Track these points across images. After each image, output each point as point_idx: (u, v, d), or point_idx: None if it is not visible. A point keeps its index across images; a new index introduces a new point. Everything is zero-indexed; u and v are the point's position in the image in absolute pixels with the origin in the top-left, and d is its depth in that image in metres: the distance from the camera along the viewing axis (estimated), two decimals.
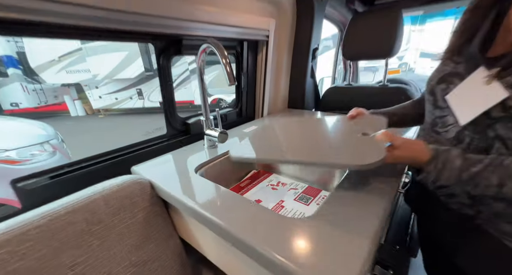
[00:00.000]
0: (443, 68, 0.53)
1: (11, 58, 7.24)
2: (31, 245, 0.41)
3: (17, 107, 7.58)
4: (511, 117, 0.40)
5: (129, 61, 7.56)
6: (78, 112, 8.27)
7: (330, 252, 0.36)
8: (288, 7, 1.08)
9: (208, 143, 0.81)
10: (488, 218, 0.49)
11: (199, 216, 0.48)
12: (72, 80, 7.59)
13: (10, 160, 2.16)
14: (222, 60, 0.60)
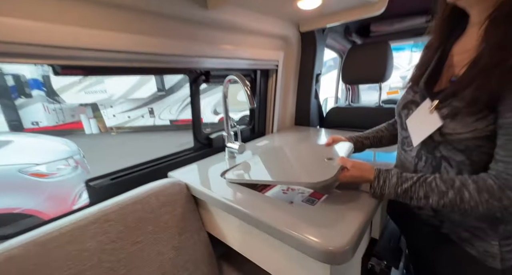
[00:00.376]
0: (406, 96, 0.63)
1: (36, 81, 7.83)
2: (110, 224, 0.56)
3: (37, 126, 8.03)
4: (447, 142, 0.49)
5: (143, 82, 8.02)
6: (93, 130, 8.66)
7: (331, 228, 0.50)
8: (294, 40, 1.29)
9: (228, 154, 0.97)
10: (450, 227, 0.56)
11: (230, 208, 0.62)
12: (90, 100, 8.09)
13: (40, 173, 2.36)
14: (244, 87, 0.78)
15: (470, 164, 0.49)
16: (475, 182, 0.45)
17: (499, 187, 0.42)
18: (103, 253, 0.53)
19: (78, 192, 2.63)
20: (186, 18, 0.76)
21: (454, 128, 0.47)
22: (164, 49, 0.74)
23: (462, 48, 0.52)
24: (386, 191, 0.54)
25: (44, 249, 0.46)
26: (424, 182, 0.50)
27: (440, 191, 0.47)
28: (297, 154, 0.85)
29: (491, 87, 0.41)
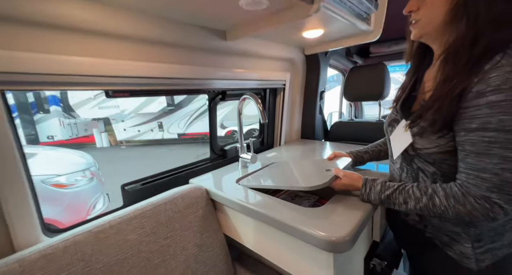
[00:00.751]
0: (391, 115, 0.72)
1: (54, 97, 8.28)
2: (145, 220, 0.66)
3: (52, 140, 8.36)
4: (419, 155, 0.57)
5: (154, 97, 8.35)
6: (104, 144, 8.94)
7: (334, 224, 0.59)
8: (299, 62, 1.43)
9: (241, 164, 1.07)
10: (432, 232, 0.62)
11: (245, 209, 0.72)
12: (103, 115, 8.45)
13: (60, 184, 2.50)
14: (258, 105, 0.91)
15: (442, 174, 0.57)
16: (443, 189, 0.52)
17: (463, 194, 0.49)
18: (141, 244, 0.63)
19: (93, 202, 2.75)
20: (208, 49, 0.91)
21: (422, 144, 0.55)
22: (189, 75, 0.88)
23: (430, 76, 0.60)
24: (372, 197, 0.63)
25: (98, 238, 0.57)
26: (403, 190, 0.58)
27: (416, 197, 0.55)
28: (301, 165, 0.96)
29: (444, 112, 0.49)
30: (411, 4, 0.57)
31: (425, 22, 0.55)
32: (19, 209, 0.53)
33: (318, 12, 0.67)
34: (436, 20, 0.53)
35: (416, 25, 0.57)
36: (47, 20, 0.52)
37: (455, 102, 0.48)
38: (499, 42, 0.45)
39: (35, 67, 0.51)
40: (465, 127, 0.48)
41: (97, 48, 0.64)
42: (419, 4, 0.55)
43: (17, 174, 0.52)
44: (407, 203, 0.57)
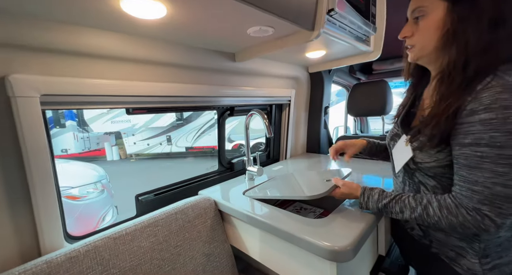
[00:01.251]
0: (393, 129, 0.75)
1: (71, 112, 8.66)
2: (158, 229, 0.70)
3: (66, 153, 8.63)
4: (419, 169, 0.60)
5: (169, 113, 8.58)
6: (114, 157, 9.15)
7: (337, 234, 0.61)
8: (304, 80, 1.51)
9: (248, 176, 1.11)
10: (438, 247, 0.62)
11: (252, 219, 0.75)
12: (114, 129, 8.74)
13: (73, 196, 2.58)
14: (264, 121, 0.96)
15: (442, 188, 0.59)
16: (438, 200, 0.54)
17: (456, 205, 0.51)
18: (153, 252, 0.67)
19: (102, 215, 2.80)
20: (218, 69, 1.00)
21: (422, 158, 0.58)
22: (200, 93, 0.96)
23: (428, 94, 0.64)
24: (370, 206, 0.66)
25: (115, 244, 0.61)
26: (399, 199, 0.60)
27: (411, 207, 0.58)
28: (304, 176, 1.00)
29: (441, 127, 0.52)
30: (405, 30, 0.61)
31: (419, 47, 0.59)
32: (48, 216, 0.59)
33: (319, 37, 0.74)
34: (429, 46, 0.57)
35: (412, 49, 0.61)
36: (80, 49, 0.61)
37: (451, 119, 0.51)
38: (488, 65, 0.49)
39: (71, 90, 0.60)
40: (459, 142, 0.51)
41: (121, 72, 0.72)
42: (413, 30, 0.60)
43: (50, 184, 0.58)
44: (403, 212, 0.59)
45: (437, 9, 0.54)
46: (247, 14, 0.59)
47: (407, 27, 0.61)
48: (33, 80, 0.53)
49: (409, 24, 0.61)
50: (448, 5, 0.52)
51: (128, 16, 0.55)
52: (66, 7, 0.50)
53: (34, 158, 0.55)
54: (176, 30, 0.68)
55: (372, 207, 0.66)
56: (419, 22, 0.58)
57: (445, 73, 0.54)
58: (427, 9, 0.55)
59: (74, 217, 2.48)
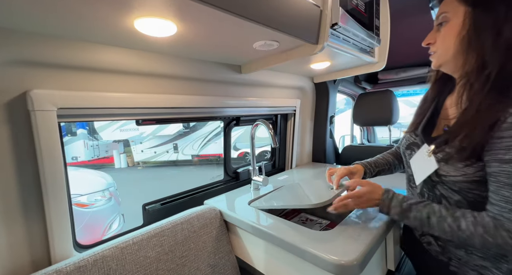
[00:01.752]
0: (409, 137, 0.72)
1: None
2: (164, 239, 0.71)
3: (76, 160, 8.83)
4: (443, 182, 0.56)
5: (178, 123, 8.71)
6: (122, 165, 9.29)
7: (344, 248, 0.60)
8: (309, 90, 1.53)
9: (253, 186, 1.12)
10: (458, 265, 0.59)
11: (257, 231, 0.75)
12: (123, 137, 8.93)
13: (81, 203, 2.62)
14: (269, 131, 0.98)
15: (467, 203, 0.55)
16: (473, 216, 0.50)
17: (495, 226, 0.47)
18: (159, 262, 0.67)
19: (109, 222, 2.82)
20: (224, 81, 1.02)
21: (447, 171, 0.54)
22: (207, 104, 0.99)
23: (452, 102, 0.62)
24: (392, 204, 0.62)
25: (123, 253, 0.62)
26: (429, 204, 0.57)
27: (441, 215, 0.53)
28: (309, 185, 0.99)
29: (473, 140, 0.48)
30: (429, 37, 0.61)
31: (441, 54, 0.59)
32: (60, 224, 0.61)
33: (323, 50, 0.76)
34: (449, 52, 0.56)
35: (434, 55, 0.61)
36: (95, 65, 0.64)
37: (487, 131, 0.47)
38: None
39: (85, 103, 0.63)
40: (499, 158, 0.46)
41: (132, 85, 0.75)
42: (435, 37, 0.59)
43: (63, 192, 0.61)
44: (429, 218, 0.54)
45: (457, 15, 0.53)
46: (253, 30, 0.62)
47: (431, 34, 0.61)
48: (51, 95, 0.56)
49: (433, 30, 0.61)
50: (467, 10, 0.51)
51: (141, 34, 0.58)
52: (87, 28, 0.53)
53: (49, 167, 0.58)
54: (185, 46, 0.71)
55: (394, 205, 0.61)
56: (441, 29, 0.57)
57: (468, 80, 0.52)
58: (449, 15, 0.55)
59: (82, 224, 2.50)
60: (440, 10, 0.58)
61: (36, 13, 0.45)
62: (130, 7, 0.45)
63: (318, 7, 0.70)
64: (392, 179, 1.15)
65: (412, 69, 1.70)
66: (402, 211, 0.60)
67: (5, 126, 0.54)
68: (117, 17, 0.49)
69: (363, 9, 0.87)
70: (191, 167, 8.51)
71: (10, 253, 0.57)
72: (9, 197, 0.56)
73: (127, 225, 3.06)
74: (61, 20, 0.49)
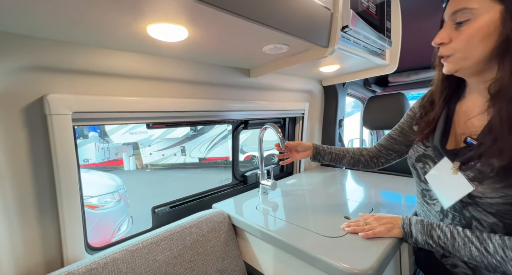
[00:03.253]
0: (418, 148, 0.65)
1: None
2: (173, 242, 0.71)
3: (87, 163, 9.05)
4: (477, 204, 0.49)
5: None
6: (131, 167, 9.45)
7: (356, 256, 0.58)
8: (317, 93, 1.51)
9: (261, 190, 1.11)
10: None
11: (266, 236, 0.74)
12: (132, 140, 9.11)
13: (92, 205, 2.68)
14: (278, 134, 0.97)
15: (503, 226, 0.48)
16: (503, 240, 0.45)
17: None
18: (168, 266, 0.67)
19: (118, 224, 2.86)
20: (232, 85, 1.03)
21: (483, 192, 0.47)
22: (216, 108, 0.99)
23: (468, 110, 0.55)
24: (413, 220, 0.60)
25: (133, 256, 0.62)
26: (451, 225, 0.53)
27: (466, 235, 0.50)
28: (320, 202, 0.96)
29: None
30: (442, 36, 0.51)
31: (461, 57, 0.50)
32: (73, 227, 0.62)
33: (333, 54, 0.75)
34: (475, 56, 0.48)
35: (450, 59, 0.52)
36: (108, 70, 0.66)
37: None
38: None
39: (98, 107, 0.64)
40: None
41: (143, 89, 0.77)
42: (451, 37, 0.50)
43: (76, 195, 0.62)
44: (454, 238, 0.51)
45: (489, 13, 0.45)
46: (263, 34, 0.62)
47: (444, 32, 0.51)
48: (67, 99, 0.57)
49: (446, 28, 0.51)
50: (505, 8, 0.44)
51: (153, 39, 0.59)
52: (101, 34, 0.55)
53: (63, 169, 0.59)
54: (196, 50, 0.72)
55: (415, 222, 0.59)
56: (462, 28, 0.48)
57: (503, 88, 0.45)
58: (475, 12, 0.46)
59: (92, 225, 2.55)
60: (458, 4, 0.49)
61: (60, 22, 0.46)
62: (143, 13, 0.46)
63: (329, 10, 0.69)
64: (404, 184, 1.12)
65: (424, 71, 1.66)
66: (423, 228, 0.57)
67: (23, 130, 0.56)
68: (130, 23, 0.50)
69: (374, 11, 0.86)
70: (198, 170, 8.57)
71: (24, 253, 0.58)
72: (25, 198, 0.58)
73: (135, 227, 3.09)
74: (78, 28, 0.50)
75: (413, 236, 0.59)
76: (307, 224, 0.75)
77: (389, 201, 0.94)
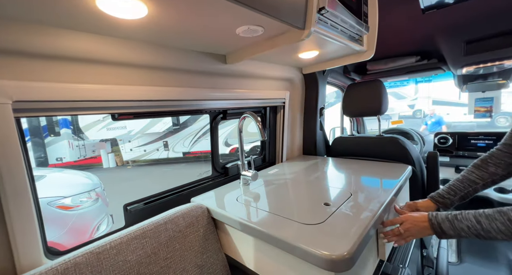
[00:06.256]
0: (505, 154, 0.67)
1: (65, 120, 8.55)
2: (146, 241, 0.66)
3: (61, 162, 8.50)
4: None
5: (160, 118, 8.54)
6: (110, 164, 9.04)
7: (334, 242, 0.58)
8: (298, 81, 1.49)
9: (243, 181, 1.08)
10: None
11: (246, 227, 0.71)
12: (110, 136, 8.66)
13: (65, 205, 2.51)
14: (257, 124, 0.93)
15: None
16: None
17: None
18: (141, 266, 0.63)
19: (97, 224, 2.72)
20: (209, 72, 0.97)
21: None
22: (190, 96, 0.93)
23: None
24: (439, 217, 0.60)
25: (98, 259, 0.57)
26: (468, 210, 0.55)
27: (487, 215, 0.51)
28: (301, 190, 0.95)
29: None
30: None
31: None
32: (24, 232, 0.55)
33: (310, 36, 0.71)
34: None
35: None
36: (58, 52, 0.57)
37: None
38: None
39: (47, 95, 0.56)
40: None
41: (104, 76, 0.69)
42: None
43: (26, 197, 0.54)
44: (479, 222, 0.52)
45: None
46: (233, 13, 0.57)
47: None
48: (3, 86, 0.49)
49: None
50: None
51: (106, 16, 0.52)
52: (41, 8, 0.47)
53: (7, 168, 0.51)
54: (160, 31, 0.65)
55: (442, 219, 0.60)
56: None
57: None
58: None
59: (66, 227, 2.40)
60: None
61: None
62: None
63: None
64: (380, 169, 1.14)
65: (400, 59, 1.69)
66: (451, 221, 0.58)
67: None
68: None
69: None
70: (182, 164, 8.40)
71: None
72: None
73: (116, 226, 2.97)
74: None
75: (446, 233, 0.60)
76: (287, 213, 0.74)
77: (367, 186, 0.95)
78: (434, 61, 1.64)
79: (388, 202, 0.79)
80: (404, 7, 1.07)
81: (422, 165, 1.34)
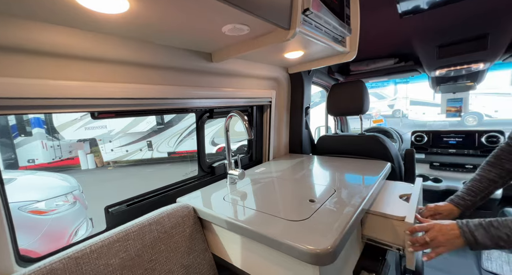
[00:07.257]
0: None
1: (38, 119, 8.01)
2: (129, 243, 0.64)
3: (33, 164, 7.95)
4: None
5: (144, 117, 8.26)
6: (89, 166, 8.61)
7: (319, 236, 0.59)
8: (284, 81, 1.50)
9: (229, 180, 1.07)
10: None
11: (232, 225, 0.71)
12: (89, 136, 8.23)
13: (39, 210, 2.35)
14: (243, 122, 0.93)
15: None
16: None
17: None
18: (124, 269, 0.61)
19: (75, 228, 2.59)
20: (194, 70, 0.95)
21: None
22: (175, 95, 0.91)
23: None
24: (470, 224, 0.55)
25: (77, 264, 0.54)
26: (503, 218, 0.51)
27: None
28: (287, 188, 0.96)
29: None
30: None
31: None
32: None
33: (295, 37, 0.73)
34: None
35: None
36: (29, 46, 0.54)
37: None
38: None
39: (14, 92, 0.52)
40: None
41: (83, 72, 0.66)
42: None
43: None
44: None
45: None
46: (219, 11, 0.56)
47: None
48: None
49: None
50: None
51: (85, 10, 0.50)
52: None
53: None
54: (143, 26, 0.63)
55: (475, 227, 0.54)
56: None
57: None
58: None
59: (40, 233, 2.26)
60: None
61: None
62: None
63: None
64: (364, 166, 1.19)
65: (380, 60, 1.76)
66: (486, 229, 0.52)
67: None
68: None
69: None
70: (167, 165, 8.19)
71: None
72: None
73: (96, 229, 2.84)
74: None
75: (480, 242, 0.54)
76: (274, 211, 0.75)
77: (350, 182, 0.98)
78: (411, 63, 1.73)
79: (369, 197, 0.82)
80: (384, 11, 1.12)
81: (400, 161, 1.42)
